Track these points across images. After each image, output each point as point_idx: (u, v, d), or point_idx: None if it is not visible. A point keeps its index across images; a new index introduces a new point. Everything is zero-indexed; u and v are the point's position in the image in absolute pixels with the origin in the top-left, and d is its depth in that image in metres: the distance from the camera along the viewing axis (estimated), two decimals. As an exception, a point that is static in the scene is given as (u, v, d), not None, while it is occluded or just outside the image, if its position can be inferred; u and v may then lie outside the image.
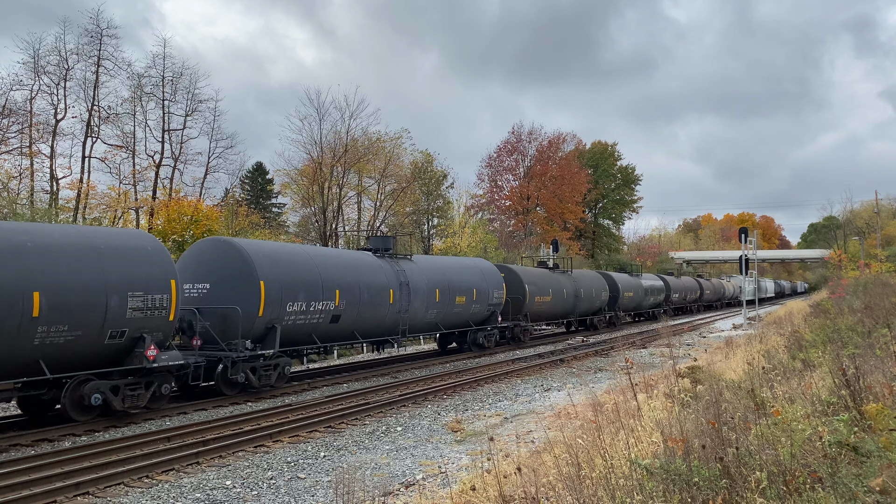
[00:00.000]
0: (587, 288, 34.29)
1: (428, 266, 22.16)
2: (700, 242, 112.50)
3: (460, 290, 22.70)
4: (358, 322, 18.37)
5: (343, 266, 18.25)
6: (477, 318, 24.26)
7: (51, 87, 31.30)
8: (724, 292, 69.82)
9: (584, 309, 34.16)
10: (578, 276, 34.30)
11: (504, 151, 62.76)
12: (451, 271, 23.01)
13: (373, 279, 18.88)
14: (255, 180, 50.47)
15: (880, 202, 67.66)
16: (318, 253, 18.72)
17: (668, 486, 4.55)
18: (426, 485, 8.39)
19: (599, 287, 35.77)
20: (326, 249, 21.57)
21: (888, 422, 5.12)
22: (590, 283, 34.96)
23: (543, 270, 32.21)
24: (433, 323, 22.11)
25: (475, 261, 26.37)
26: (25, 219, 23.02)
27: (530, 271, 30.20)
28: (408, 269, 20.65)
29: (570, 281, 32.61)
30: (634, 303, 41.40)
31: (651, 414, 8.22)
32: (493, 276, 25.29)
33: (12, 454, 10.26)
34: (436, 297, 21.44)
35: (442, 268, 22.85)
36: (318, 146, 40.43)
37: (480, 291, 23.72)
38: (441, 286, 21.74)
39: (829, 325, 14.21)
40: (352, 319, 18.04)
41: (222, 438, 10.85)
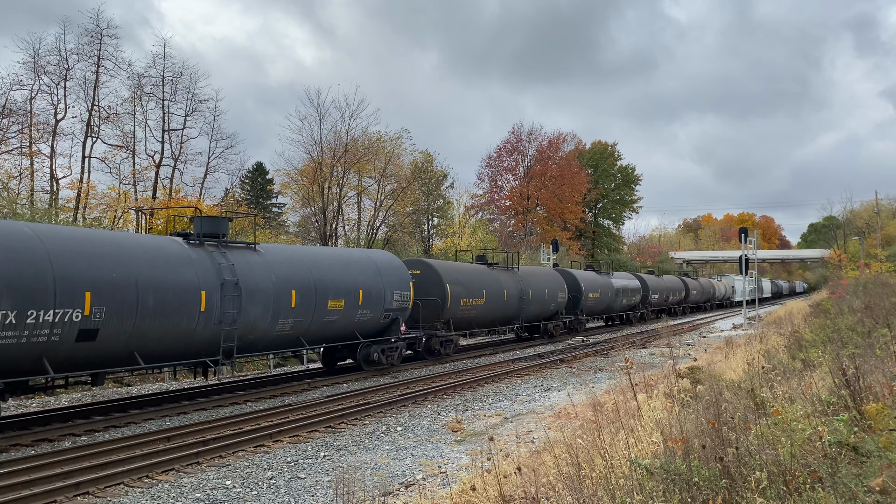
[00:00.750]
0: (538, 288, 28.88)
1: (281, 258, 16.31)
2: (700, 242, 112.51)
3: (337, 291, 17.31)
4: (137, 339, 12.50)
5: (105, 255, 12.16)
6: (368, 329, 18.86)
7: (51, 87, 31.28)
8: (713, 293, 65.77)
9: (533, 313, 28.67)
10: (527, 275, 28.97)
11: (504, 151, 62.78)
12: (322, 266, 17.34)
13: (168, 276, 13.13)
14: (255, 180, 50.47)
15: (880, 202, 67.69)
16: (55, 235, 11.87)
17: (668, 486, 4.55)
18: (426, 485, 8.39)
19: (555, 287, 30.64)
20: (73, 230, 14.03)
21: (888, 422, 5.12)
22: (541, 283, 29.56)
23: (478, 267, 26.65)
24: (290, 337, 16.31)
25: (367, 253, 20.89)
26: (25, 219, 23.03)
27: (457, 268, 24.66)
28: (242, 264, 14.87)
29: (513, 280, 27.32)
30: (603, 305, 36.63)
31: (651, 414, 8.22)
32: (393, 272, 19.91)
33: (12, 454, 10.26)
34: (291, 302, 15.81)
35: (306, 261, 17.04)
36: (318, 146, 40.43)
37: (372, 293, 18.57)
38: (301, 286, 16.21)
39: (829, 325, 14.21)
40: (122, 336, 12.17)
41: (222, 438, 10.85)
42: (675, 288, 51.31)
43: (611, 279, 38.04)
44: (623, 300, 39.64)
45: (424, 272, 22.74)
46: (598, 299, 35.64)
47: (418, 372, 19.76)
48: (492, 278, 26.08)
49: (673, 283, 51.86)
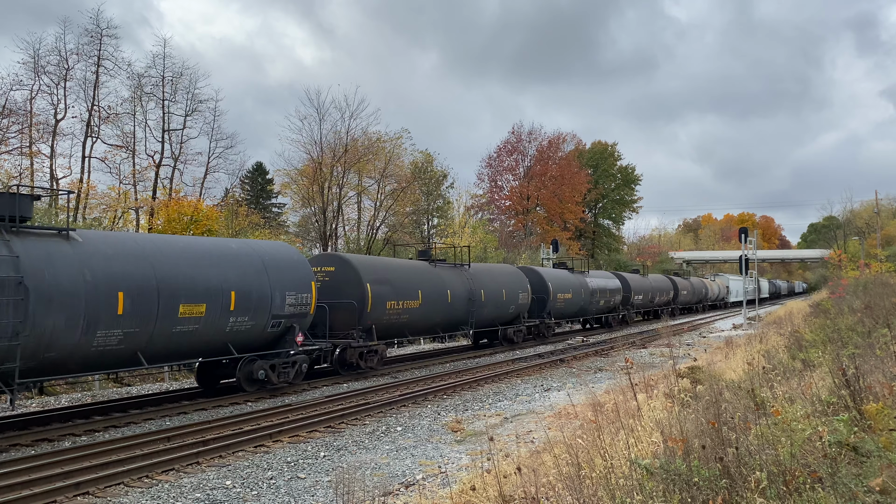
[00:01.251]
0: (493, 288, 25.39)
1: (106, 250, 12.58)
2: (700, 242, 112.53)
3: (194, 293, 13.69)
4: None
5: None
6: (249, 340, 15.22)
7: (51, 87, 31.29)
8: (706, 293, 61.82)
9: (487, 317, 25.19)
10: (480, 273, 25.51)
11: (504, 151, 62.81)
12: (172, 261, 13.57)
13: None
14: (255, 180, 50.48)
15: (880, 202, 67.69)
16: None
17: (668, 486, 4.55)
18: (426, 485, 8.39)
19: (516, 287, 27.18)
20: None
21: (888, 422, 5.12)
22: (498, 282, 26.10)
23: (413, 264, 23.06)
24: (119, 353, 12.56)
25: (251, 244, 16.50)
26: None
27: (383, 265, 21.02)
28: (37, 257, 11.35)
29: (461, 279, 23.86)
30: (576, 307, 33.11)
31: (651, 414, 8.22)
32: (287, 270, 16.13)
33: (12, 454, 10.27)
34: (117, 307, 12.23)
35: (147, 254, 13.21)
36: (318, 146, 40.45)
37: (252, 296, 14.94)
38: (135, 286, 12.61)
39: (829, 325, 14.21)
40: None
41: (222, 438, 10.85)
42: (662, 288, 47.59)
43: (585, 278, 34.79)
44: (600, 301, 36.24)
45: (340, 270, 19.19)
46: (570, 300, 32.26)
47: (419, 372, 19.76)
48: (432, 277, 22.43)
49: (660, 282, 48.15)
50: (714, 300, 65.94)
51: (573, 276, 34.01)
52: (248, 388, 15.32)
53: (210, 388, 16.16)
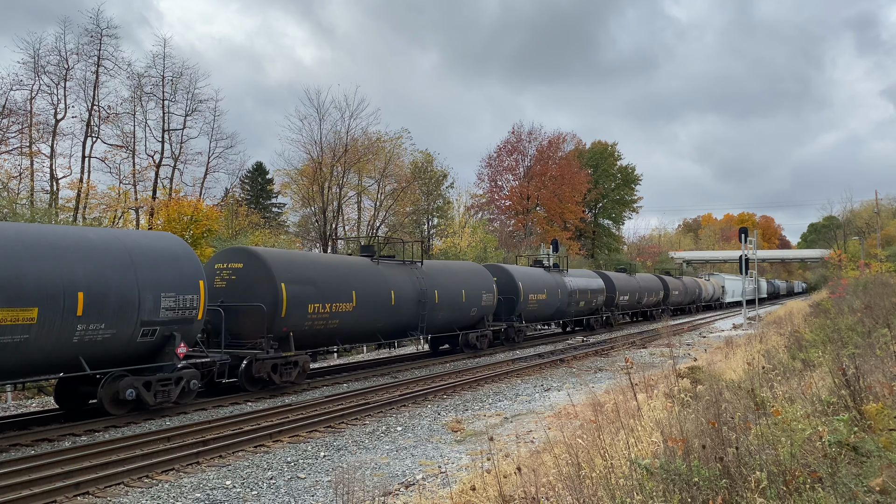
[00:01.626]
0: (450, 288, 22.43)
1: None
2: (700, 242, 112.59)
3: (17, 294, 10.80)
4: None
5: None
6: (108, 354, 12.42)
7: (51, 87, 31.33)
8: (699, 293, 58.48)
9: (442, 321, 22.29)
10: (435, 270, 22.49)
11: (504, 151, 62.81)
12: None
13: None
14: (255, 180, 50.50)
15: (880, 202, 67.69)
16: None
17: (668, 485, 4.55)
18: (426, 485, 8.39)
19: (478, 287, 24.09)
20: None
21: (888, 422, 5.12)
22: (456, 281, 23.08)
23: (348, 260, 20.08)
24: None
25: (114, 233, 13.66)
26: (25, 219, 23.01)
27: (306, 261, 18.09)
28: None
29: (411, 277, 20.94)
30: (551, 308, 30.36)
31: (651, 414, 8.22)
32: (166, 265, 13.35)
33: (12, 454, 10.26)
34: None
35: None
36: (318, 146, 40.48)
37: (110, 297, 12.16)
38: None
39: (829, 325, 14.21)
40: None
41: (222, 438, 10.85)
42: (650, 288, 44.73)
43: (563, 277, 31.97)
44: (580, 303, 33.39)
45: (248, 266, 16.31)
46: (544, 302, 29.25)
47: (419, 372, 19.76)
48: (371, 275, 19.21)
49: (648, 282, 45.26)
50: (709, 301, 63.21)
51: (549, 274, 31.00)
52: (112, 412, 12.58)
53: (76, 409, 13.34)
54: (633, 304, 41.89)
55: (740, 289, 72.84)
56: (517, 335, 27.41)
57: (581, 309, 34.13)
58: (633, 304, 41.89)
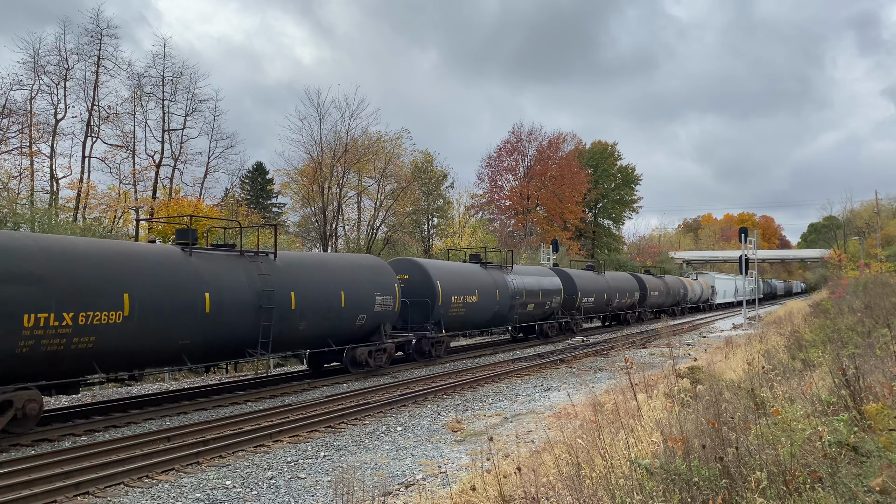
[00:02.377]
0: (317, 289, 16.63)
1: None
2: (700, 242, 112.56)
3: None
4: None
5: None
6: None
7: (51, 87, 31.34)
8: (684, 294, 52.77)
9: (305, 336, 16.58)
10: (294, 265, 16.51)
11: (504, 151, 62.82)
12: None
13: None
14: (255, 180, 50.52)
15: (880, 202, 67.70)
16: None
17: (668, 485, 4.55)
18: (426, 485, 8.39)
19: (368, 287, 18.39)
20: None
21: (888, 422, 5.12)
22: (332, 280, 17.25)
23: (130, 248, 13.58)
24: None
25: None
26: (25, 219, 23.02)
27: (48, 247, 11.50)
28: None
29: (247, 274, 14.83)
30: (486, 313, 24.70)
31: (651, 414, 8.22)
32: None
33: (12, 454, 10.26)
34: None
35: None
36: (318, 146, 40.50)
37: None
38: None
39: (829, 325, 14.21)
40: None
41: (222, 438, 10.85)
42: (623, 288, 39.32)
43: (506, 276, 26.55)
44: (528, 306, 27.65)
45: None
46: (475, 305, 23.57)
47: (418, 372, 19.76)
48: (164, 271, 13.12)
49: (621, 282, 40.09)
50: (696, 302, 57.87)
51: (485, 272, 25.37)
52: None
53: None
54: (601, 307, 36.57)
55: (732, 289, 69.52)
56: (434, 348, 21.58)
57: (529, 313, 28.22)
58: (601, 307, 36.57)
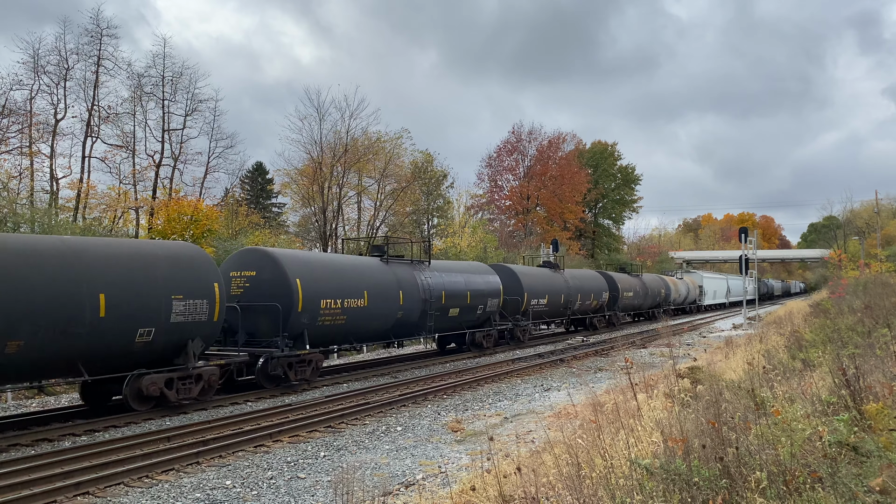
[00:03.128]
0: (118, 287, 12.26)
1: None
2: (700, 242, 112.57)
3: None
4: None
5: None
6: None
7: (51, 87, 31.30)
8: (666, 295, 47.08)
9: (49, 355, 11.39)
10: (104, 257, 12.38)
11: (504, 151, 62.82)
12: None
13: None
14: (255, 180, 50.52)
15: (880, 202, 67.70)
16: None
17: (668, 485, 4.55)
18: (426, 485, 8.39)
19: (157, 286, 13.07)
20: None
21: (888, 422, 5.12)
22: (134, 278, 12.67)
23: None
24: None
25: None
26: (25, 219, 23.02)
27: None
28: None
29: None
30: (387, 321, 19.67)
31: (651, 414, 8.22)
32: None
33: (12, 454, 10.27)
34: None
35: None
36: (318, 146, 40.48)
37: None
38: None
39: (829, 325, 14.21)
40: None
41: (222, 438, 10.85)
42: (587, 288, 33.89)
43: (418, 273, 21.22)
44: (449, 311, 22.42)
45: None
46: (360, 312, 18.11)
47: (418, 372, 19.75)
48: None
49: (586, 280, 34.47)
50: (682, 303, 52.74)
51: (387, 269, 20.00)
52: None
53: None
54: (557, 310, 31.01)
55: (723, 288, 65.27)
56: (299, 370, 16.39)
57: (454, 320, 22.92)
58: (557, 310, 31.01)
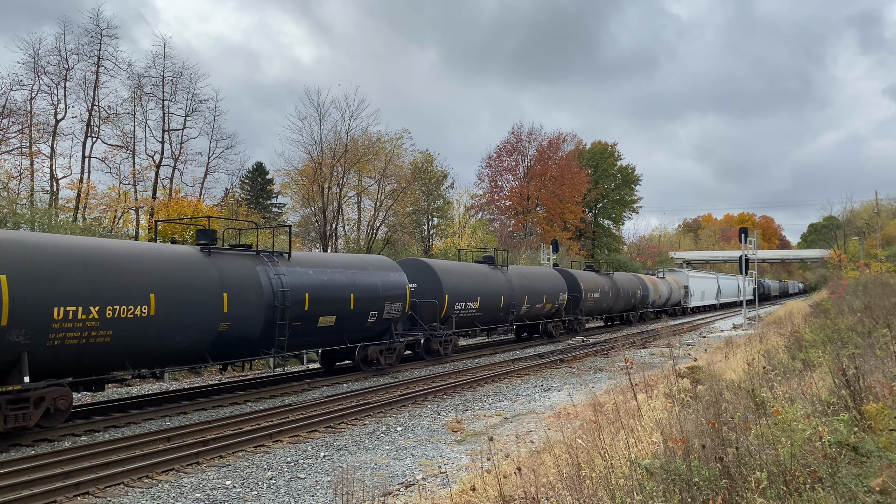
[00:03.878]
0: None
1: None
2: (700, 242, 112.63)
3: None
4: None
5: None
6: None
7: (51, 87, 31.30)
8: (643, 296, 41.69)
9: None
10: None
11: (504, 151, 62.82)
12: None
13: None
14: (255, 180, 50.49)
15: (880, 202, 67.69)
16: None
17: (668, 486, 4.55)
18: (426, 485, 8.39)
19: None
20: None
21: (888, 422, 5.12)
22: None
23: None
24: None
25: None
26: (25, 219, 23.02)
27: None
28: None
29: None
30: (173, 340, 13.21)
31: (651, 414, 8.22)
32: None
33: (12, 454, 10.27)
34: None
35: None
36: (318, 146, 40.48)
37: None
38: None
39: (829, 325, 14.21)
40: None
41: (222, 438, 10.85)
42: (540, 289, 28.47)
43: (273, 268, 15.72)
44: (319, 319, 16.69)
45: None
46: (141, 329, 12.55)
47: (419, 372, 19.75)
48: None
49: (536, 280, 29.04)
50: (662, 305, 47.15)
51: (207, 261, 14.38)
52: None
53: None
54: (495, 316, 25.38)
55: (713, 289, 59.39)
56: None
57: (329, 332, 17.24)
58: (495, 316, 25.38)
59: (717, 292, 61.76)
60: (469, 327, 24.39)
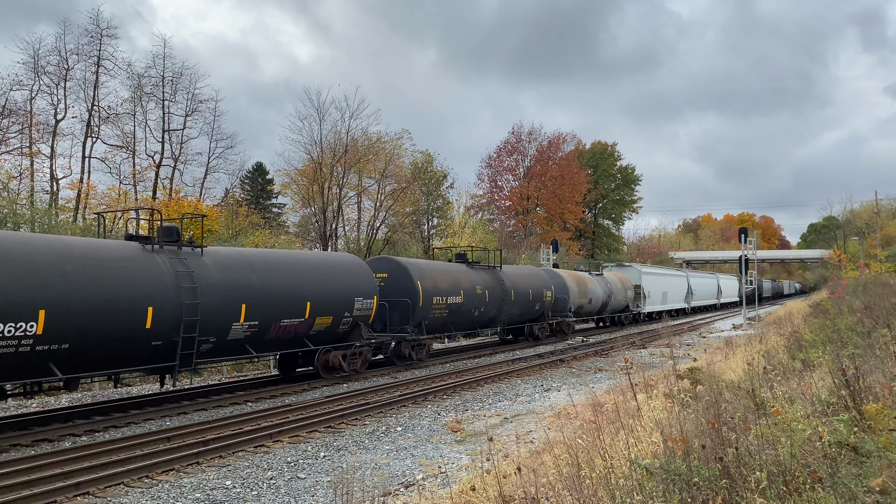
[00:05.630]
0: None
1: None
2: (700, 242, 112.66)
3: None
4: None
5: None
6: None
7: (51, 87, 31.35)
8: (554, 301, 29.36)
9: None
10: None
11: (504, 151, 62.88)
12: None
13: None
14: (255, 180, 50.51)
15: (880, 202, 67.71)
16: None
17: (668, 486, 4.56)
18: (426, 485, 8.39)
19: None
20: None
21: (888, 422, 5.12)
22: None
23: None
24: None
25: None
26: (25, 219, 23.03)
27: None
28: None
29: None
30: None
31: (651, 414, 8.22)
32: None
33: (12, 454, 10.27)
34: None
35: None
36: (318, 146, 40.51)
37: None
38: None
39: (829, 326, 14.22)
40: None
41: (222, 438, 10.85)
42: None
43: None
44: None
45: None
46: None
47: (419, 372, 19.75)
48: None
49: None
50: (594, 312, 35.30)
51: None
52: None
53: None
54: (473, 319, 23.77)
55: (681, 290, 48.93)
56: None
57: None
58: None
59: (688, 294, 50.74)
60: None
